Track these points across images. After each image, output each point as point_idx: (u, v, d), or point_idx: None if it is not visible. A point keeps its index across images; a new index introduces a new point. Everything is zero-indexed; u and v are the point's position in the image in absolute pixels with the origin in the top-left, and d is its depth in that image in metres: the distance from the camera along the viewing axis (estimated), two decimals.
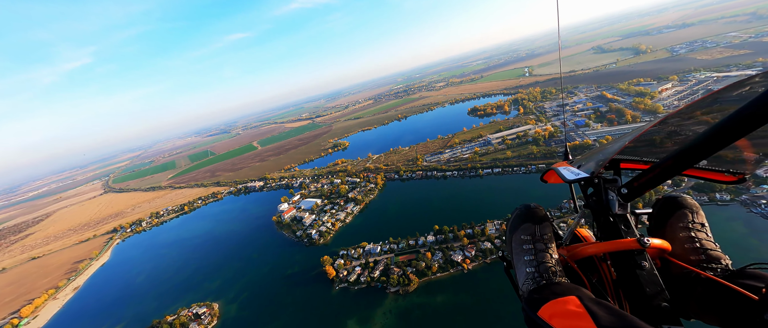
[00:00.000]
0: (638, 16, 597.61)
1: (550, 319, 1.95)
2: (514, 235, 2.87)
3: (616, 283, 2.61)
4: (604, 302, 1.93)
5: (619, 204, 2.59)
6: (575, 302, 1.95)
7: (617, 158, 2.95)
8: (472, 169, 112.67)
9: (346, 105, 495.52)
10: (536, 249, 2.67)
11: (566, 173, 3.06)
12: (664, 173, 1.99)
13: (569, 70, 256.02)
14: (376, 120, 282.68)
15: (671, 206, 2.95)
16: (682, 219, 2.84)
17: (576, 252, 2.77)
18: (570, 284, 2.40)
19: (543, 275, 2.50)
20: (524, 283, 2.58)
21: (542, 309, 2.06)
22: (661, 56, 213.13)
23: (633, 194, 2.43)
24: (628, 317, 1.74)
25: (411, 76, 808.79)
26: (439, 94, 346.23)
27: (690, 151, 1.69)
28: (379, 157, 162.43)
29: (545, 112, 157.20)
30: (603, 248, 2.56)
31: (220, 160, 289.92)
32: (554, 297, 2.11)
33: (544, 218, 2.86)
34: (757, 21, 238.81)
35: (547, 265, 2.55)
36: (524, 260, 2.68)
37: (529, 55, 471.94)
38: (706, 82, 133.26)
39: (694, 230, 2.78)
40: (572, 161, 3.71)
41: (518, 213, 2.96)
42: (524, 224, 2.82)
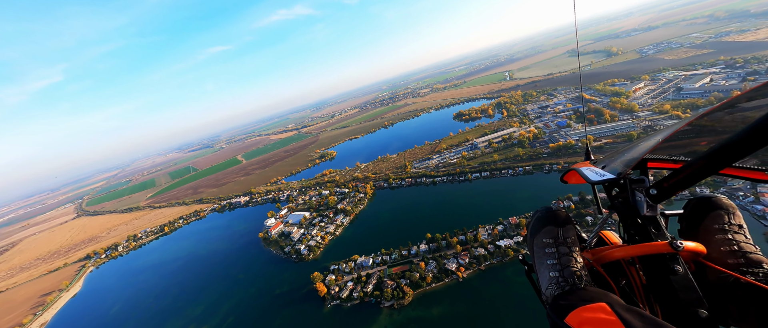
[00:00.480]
0: (607, 21, 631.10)
1: (579, 326, 1.84)
2: (536, 238, 2.75)
3: (647, 288, 2.47)
4: (636, 309, 1.83)
5: (647, 206, 2.42)
6: (605, 309, 1.84)
7: (645, 158, 2.76)
8: (460, 174, 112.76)
9: (332, 114, 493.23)
10: (560, 253, 2.54)
11: (590, 173, 2.88)
12: (698, 172, 1.85)
13: (547, 73, 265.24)
14: (363, 128, 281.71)
15: (705, 207, 2.76)
16: (717, 221, 2.67)
17: (602, 256, 2.63)
18: (598, 290, 2.27)
19: (568, 279, 2.38)
20: (548, 288, 2.46)
21: (570, 316, 1.94)
22: (632, 57, 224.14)
23: (663, 195, 2.24)
24: (661, 324, 1.63)
25: (396, 83, 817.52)
26: (424, 100, 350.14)
27: (728, 149, 1.57)
28: (368, 165, 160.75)
29: (528, 115, 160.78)
30: (632, 251, 2.42)
31: (202, 176, 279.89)
32: (582, 303, 1.99)
33: (567, 221, 2.72)
34: (715, 22, 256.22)
35: (572, 269, 2.43)
36: (547, 264, 2.55)
37: (509, 59, 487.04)
38: (675, 80, 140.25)
39: (732, 231, 2.60)
40: (595, 161, 3.43)
41: (539, 216, 2.81)
42: (546, 227, 2.68)
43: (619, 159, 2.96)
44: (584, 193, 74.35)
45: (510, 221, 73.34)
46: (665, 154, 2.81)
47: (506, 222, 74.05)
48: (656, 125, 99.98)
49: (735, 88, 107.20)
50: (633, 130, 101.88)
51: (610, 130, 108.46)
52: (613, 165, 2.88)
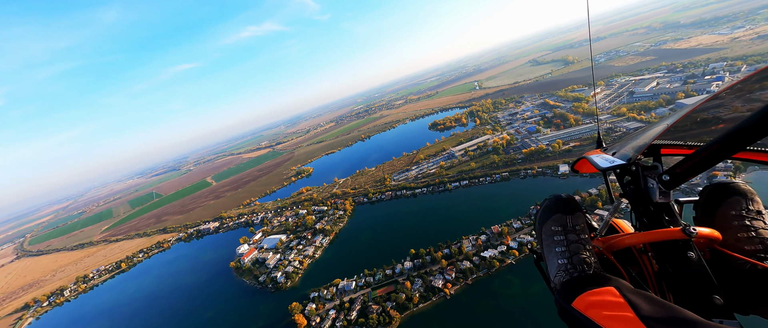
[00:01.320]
0: (561, 33, 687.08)
1: (585, 310, 1.82)
2: (544, 226, 2.68)
3: (659, 275, 2.41)
4: (645, 293, 1.81)
5: (660, 192, 2.39)
6: (613, 293, 1.82)
7: (657, 143, 2.71)
8: (440, 184, 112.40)
9: (308, 129, 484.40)
10: (568, 240, 2.48)
11: (600, 160, 2.81)
12: (711, 156, 1.82)
13: (513, 82, 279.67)
14: (340, 142, 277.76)
15: (721, 193, 2.70)
16: (734, 207, 2.60)
17: (613, 243, 2.57)
18: (606, 275, 2.22)
19: (576, 266, 2.33)
20: (556, 275, 2.41)
21: (577, 300, 1.93)
22: (586, 65, 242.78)
23: (676, 181, 2.22)
24: (673, 307, 1.60)
25: (370, 95, 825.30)
26: (399, 111, 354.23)
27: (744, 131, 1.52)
28: (346, 180, 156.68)
29: (499, 122, 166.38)
30: (643, 238, 2.36)
31: (167, 202, 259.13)
32: (590, 288, 1.97)
33: (577, 208, 2.65)
34: (653, 32, 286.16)
35: (581, 256, 2.38)
36: (556, 252, 2.50)
37: (477, 70, 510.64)
38: (626, 85, 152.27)
39: (749, 217, 2.53)
40: (606, 148, 3.38)
41: (548, 204, 2.75)
42: (555, 215, 2.62)
43: (630, 145, 2.88)
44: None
45: (492, 230, 72.82)
46: (678, 139, 2.72)
47: (489, 231, 73.46)
48: (616, 127, 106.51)
49: (679, 90, 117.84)
50: (596, 132, 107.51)
51: (576, 134, 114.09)
52: (623, 151, 2.80)
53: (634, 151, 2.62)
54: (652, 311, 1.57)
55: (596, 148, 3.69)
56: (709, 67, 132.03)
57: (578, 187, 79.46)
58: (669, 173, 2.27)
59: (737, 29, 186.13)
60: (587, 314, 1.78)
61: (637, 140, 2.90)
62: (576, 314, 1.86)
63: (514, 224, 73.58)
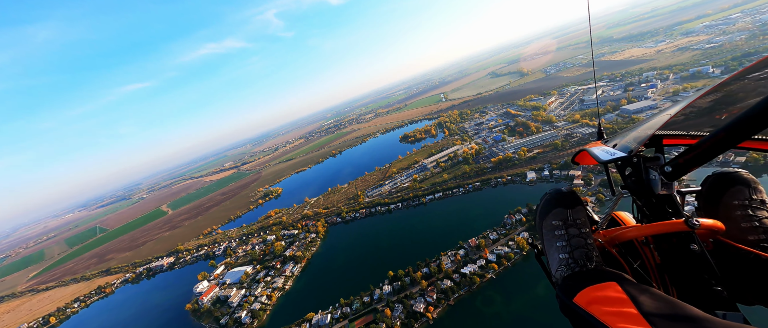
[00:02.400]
0: (514, 47, 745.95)
1: (587, 306, 1.79)
2: (545, 221, 2.65)
3: (661, 268, 2.40)
4: (647, 288, 1.77)
5: (662, 183, 2.35)
6: (615, 288, 1.80)
7: (659, 134, 2.66)
8: (414, 198, 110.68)
9: (276, 147, 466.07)
10: (569, 234, 2.46)
11: (600, 153, 2.78)
12: (715, 146, 1.78)
13: (476, 93, 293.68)
14: (310, 159, 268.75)
15: (724, 183, 2.67)
16: (737, 196, 2.58)
17: (615, 236, 2.53)
18: (608, 270, 2.20)
19: (578, 261, 2.31)
20: (558, 270, 2.39)
21: (579, 296, 1.90)
22: (539, 76, 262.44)
23: (678, 172, 2.18)
24: (675, 302, 1.58)
25: (340, 110, 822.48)
26: (369, 125, 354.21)
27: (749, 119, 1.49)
28: (318, 199, 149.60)
29: (467, 132, 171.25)
30: (645, 230, 2.33)
31: (113, 238, 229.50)
32: (592, 283, 1.95)
33: (577, 202, 2.63)
34: (594, 46, 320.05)
35: (583, 250, 2.36)
36: (557, 246, 2.47)
37: (442, 82, 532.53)
38: (576, 93, 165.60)
39: (753, 207, 2.50)
40: (607, 140, 3.35)
41: (548, 198, 2.71)
42: (555, 209, 2.59)
43: (631, 136, 2.84)
44: (532, 204, 77.40)
45: (470, 244, 71.56)
46: (680, 129, 2.66)
47: (466, 245, 72.11)
48: (573, 133, 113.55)
49: (622, 97, 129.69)
50: (557, 139, 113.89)
51: (538, 141, 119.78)
52: (624, 143, 2.76)
53: (635, 142, 2.57)
54: (654, 306, 1.54)
55: (597, 140, 3.58)
56: (643, 76, 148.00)
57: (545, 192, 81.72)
58: (671, 163, 2.22)
59: (660, 43, 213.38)
60: (589, 309, 1.76)
61: (639, 131, 2.84)
62: (578, 310, 1.84)
63: (490, 235, 73.09)
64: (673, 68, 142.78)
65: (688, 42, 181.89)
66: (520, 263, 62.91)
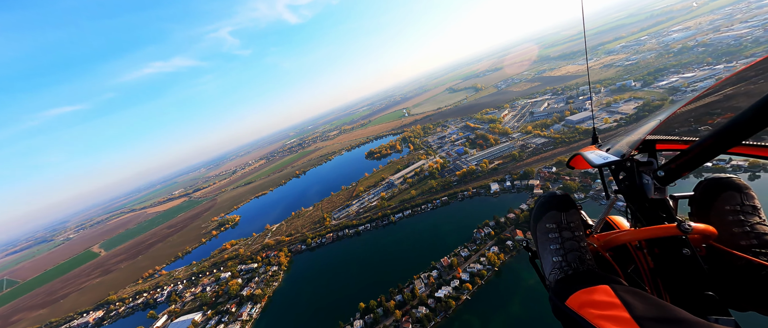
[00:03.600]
0: (466, 65, 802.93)
1: (579, 309, 1.79)
2: (539, 224, 2.66)
3: (654, 272, 2.37)
4: (639, 291, 1.77)
5: (655, 188, 2.36)
6: (607, 291, 1.79)
7: (652, 139, 2.66)
8: (383, 217, 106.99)
9: (234, 170, 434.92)
10: (563, 238, 2.46)
11: (593, 157, 2.83)
12: (707, 151, 1.79)
13: (437, 108, 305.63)
14: (272, 182, 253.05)
15: (717, 188, 2.68)
16: (729, 201, 2.58)
17: (608, 240, 2.53)
18: (601, 273, 2.22)
19: (571, 264, 2.31)
20: (551, 273, 2.40)
21: (571, 299, 1.90)
22: (492, 91, 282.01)
23: (671, 177, 2.20)
24: (666, 306, 1.57)
25: (303, 128, 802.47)
26: (334, 142, 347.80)
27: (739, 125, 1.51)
28: (280, 226, 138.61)
29: (431, 146, 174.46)
30: (638, 235, 2.32)
31: (26, 292, 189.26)
32: (584, 286, 1.95)
33: (571, 205, 2.63)
34: (534, 64, 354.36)
35: (576, 254, 2.36)
36: (550, 249, 2.47)
37: (403, 98, 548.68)
38: (526, 106, 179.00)
39: (745, 212, 2.51)
40: (601, 145, 3.40)
41: (542, 201, 2.71)
42: (549, 212, 2.59)
43: (624, 141, 2.87)
44: (498, 217, 78.23)
45: (442, 264, 69.33)
46: (673, 134, 2.70)
47: (439, 265, 69.74)
48: (528, 144, 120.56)
49: (565, 109, 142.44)
50: (514, 150, 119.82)
51: (498, 152, 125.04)
52: (617, 147, 2.81)
53: (628, 146, 2.62)
54: (646, 310, 1.53)
55: (591, 144, 3.63)
56: (580, 90, 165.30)
57: (511, 204, 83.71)
58: (664, 168, 2.23)
59: (589, 60, 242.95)
60: (581, 312, 1.76)
61: (632, 136, 2.86)
62: (569, 313, 1.84)
63: (461, 252, 71.73)
64: (603, 82, 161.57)
65: (611, 60, 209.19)
66: (494, 280, 61.87)
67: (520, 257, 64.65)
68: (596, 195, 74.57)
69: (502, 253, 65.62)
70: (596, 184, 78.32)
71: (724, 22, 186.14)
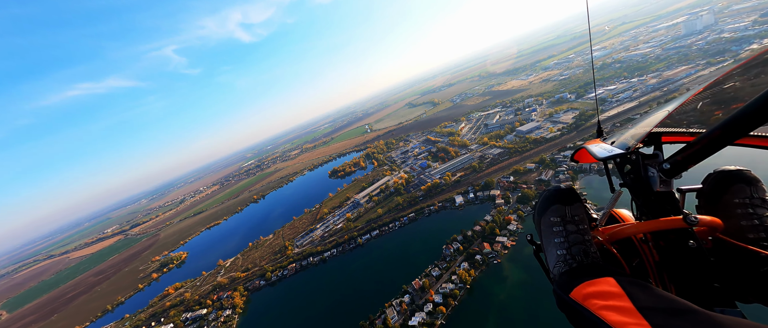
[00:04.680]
0: (423, 81, 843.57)
1: (583, 300, 1.80)
2: (543, 217, 2.66)
3: (660, 265, 2.37)
4: (643, 283, 1.77)
5: (661, 181, 2.36)
6: (611, 283, 1.79)
7: (657, 131, 2.67)
8: (350, 240, 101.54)
9: (182, 198, 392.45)
10: (567, 231, 2.46)
11: (598, 150, 2.82)
12: (713, 143, 1.79)
13: (398, 123, 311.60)
14: (226, 209, 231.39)
15: (726, 181, 2.66)
16: (738, 194, 2.56)
17: (613, 234, 2.54)
18: (605, 265, 2.24)
19: (575, 257, 2.33)
20: (555, 266, 2.41)
21: (575, 290, 1.91)
22: (448, 106, 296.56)
23: (677, 169, 2.18)
24: (671, 297, 1.57)
25: (262, 148, 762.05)
26: (295, 162, 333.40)
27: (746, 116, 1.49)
28: (235, 260, 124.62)
29: (395, 161, 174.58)
30: (643, 227, 2.34)
31: None
32: (588, 278, 1.96)
33: (576, 199, 2.62)
34: (483, 79, 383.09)
35: (580, 247, 2.37)
36: (554, 243, 2.48)
37: (365, 114, 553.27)
38: (480, 119, 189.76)
39: (753, 205, 2.49)
40: (606, 138, 3.38)
41: (546, 195, 2.71)
42: (553, 206, 2.59)
43: (629, 133, 2.87)
44: (465, 230, 78.19)
45: (414, 287, 66.27)
46: (679, 126, 2.69)
47: (411, 288, 66.54)
48: (486, 155, 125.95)
49: (514, 120, 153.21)
50: (473, 161, 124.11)
51: (459, 164, 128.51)
52: (622, 140, 2.79)
53: (633, 139, 2.61)
54: (650, 301, 1.54)
55: (596, 137, 3.60)
56: (526, 102, 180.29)
57: (475, 216, 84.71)
58: (670, 161, 2.22)
59: (529, 76, 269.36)
60: (585, 304, 1.76)
61: (637, 128, 2.85)
62: (574, 305, 1.84)
63: (433, 271, 69.61)
64: (544, 95, 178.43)
65: (548, 75, 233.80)
66: (466, 298, 60.30)
67: (489, 271, 64.38)
68: None
69: (472, 269, 64.81)
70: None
71: (631, 42, 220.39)
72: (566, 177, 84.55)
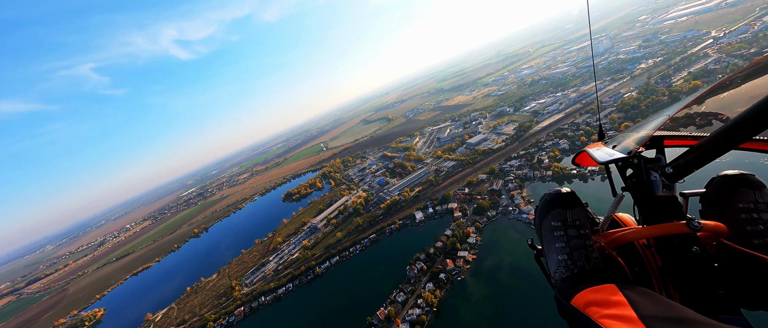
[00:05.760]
0: (377, 97, 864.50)
1: (584, 308, 1.76)
2: (544, 222, 2.66)
3: (663, 271, 2.34)
4: (646, 290, 1.75)
5: (663, 185, 2.32)
6: (613, 290, 1.76)
7: (659, 135, 2.62)
8: (307, 271, 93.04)
9: (101, 240, 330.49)
10: (568, 236, 2.45)
11: (599, 154, 2.77)
12: (717, 146, 1.78)
13: (354, 140, 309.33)
14: (159, 249, 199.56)
15: (730, 185, 2.64)
16: (743, 199, 2.53)
17: (615, 239, 2.51)
18: (607, 272, 2.23)
19: (577, 262, 2.31)
20: (556, 271, 2.39)
21: (576, 298, 1.88)
22: (402, 121, 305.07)
23: (680, 174, 2.17)
24: (674, 305, 1.54)
25: (206, 174, 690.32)
26: (245, 187, 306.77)
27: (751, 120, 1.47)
28: (169, 311, 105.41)
29: (352, 180, 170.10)
30: (646, 233, 2.33)
31: None
32: (589, 285, 1.93)
33: (577, 203, 2.63)
34: (432, 95, 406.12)
35: (582, 252, 2.35)
36: (556, 248, 2.47)
37: (320, 132, 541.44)
38: (433, 133, 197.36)
39: (758, 210, 2.46)
40: (607, 141, 3.35)
41: (547, 199, 2.71)
42: (555, 210, 2.60)
43: (631, 137, 2.84)
44: (427, 248, 76.71)
45: (379, 317, 61.64)
46: (682, 130, 2.64)
47: (376, 320, 61.72)
48: (440, 168, 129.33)
49: (464, 133, 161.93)
50: (430, 175, 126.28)
51: (416, 179, 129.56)
52: (624, 144, 2.77)
53: (635, 143, 2.59)
54: (652, 309, 1.49)
55: (598, 141, 3.54)
56: (472, 116, 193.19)
57: (436, 231, 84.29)
58: (672, 164, 2.21)
59: (472, 92, 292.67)
60: (586, 312, 1.73)
61: (639, 132, 2.83)
62: (575, 312, 1.81)
63: (398, 297, 65.98)
64: (487, 109, 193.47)
65: (488, 91, 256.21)
66: (434, 323, 57.72)
67: (454, 289, 63.19)
68: (504, 211, 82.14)
69: (437, 289, 62.91)
70: (502, 199, 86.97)
71: (552, 62, 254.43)
72: (514, 186, 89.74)
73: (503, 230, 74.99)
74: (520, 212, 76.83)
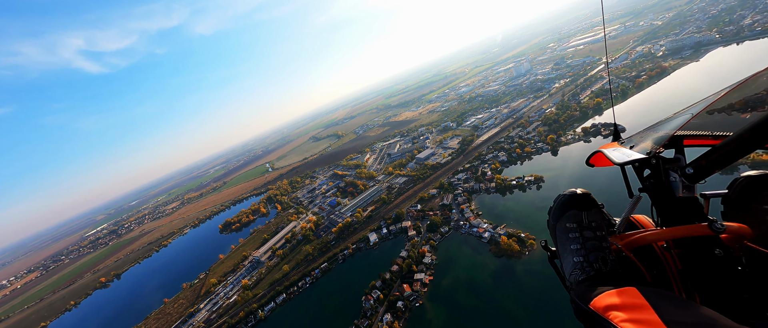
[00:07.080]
0: (326, 113, 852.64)
1: (604, 312, 1.68)
2: (559, 223, 2.58)
3: (683, 274, 2.26)
4: (668, 293, 1.67)
5: (683, 186, 2.26)
6: (633, 293, 1.69)
7: (679, 135, 2.54)
8: (248, 316, 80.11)
9: None
10: (584, 237, 2.39)
11: (615, 154, 2.67)
12: (741, 146, 1.73)
13: (303, 158, 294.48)
14: (48, 309, 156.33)
15: (754, 186, 2.57)
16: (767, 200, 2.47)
17: (632, 240, 2.45)
18: (625, 274, 2.19)
19: (593, 264, 2.25)
20: (572, 273, 2.33)
21: (596, 300, 1.81)
22: (352, 137, 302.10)
23: (701, 174, 2.11)
24: (699, 308, 1.47)
25: (122, 206, 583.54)
26: (172, 219, 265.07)
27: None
28: None
29: (301, 202, 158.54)
30: (665, 235, 2.27)
31: None
32: (608, 287, 1.86)
33: (593, 205, 2.55)
34: (381, 111, 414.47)
35: (598, 254, 2.29)
36: (571, 249, 2.41)
37: (265, 151, 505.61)
38: (383, 149, 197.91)
39: None
40: (624, 141, 3.28)
41: (562, 200, 2.63)
42: (570, 212, 2.52)
43: (649, 137, 2.76)
44: (383, 273, 72.30)
45: None
46: (703, 129, 2.53)
47: None
48: (393, 184, 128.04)
49: (413, 148, 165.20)
50: (382, 193, 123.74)
51: (368, 198, 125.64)
52: (642, 144, 2.69)
53: (654, 143, 2.54)
54: (676, 312, 1.43)
55: (613, 140, 3.46)
56: (419, 132, 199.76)
57: (391, 254, 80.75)
58: (693, 165, 2.14)
59: (418, 108, 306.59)
60: (606, 315, 1.66)
61: (658, 132, 2.76)
62: (594, 316, 1.75)
63: None
64: (432, 124, 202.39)
65: (432, 107, 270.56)
66: None
67: (413, 318, 59.57)
68: (456, 225, 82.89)
69: (396, 321, 58.51)
70: (453, 214, 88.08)
71: (485, 81, 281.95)
72: (463, 199, 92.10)
73: (457, 245, 74.96)
74: (470, 226, 78.12)
